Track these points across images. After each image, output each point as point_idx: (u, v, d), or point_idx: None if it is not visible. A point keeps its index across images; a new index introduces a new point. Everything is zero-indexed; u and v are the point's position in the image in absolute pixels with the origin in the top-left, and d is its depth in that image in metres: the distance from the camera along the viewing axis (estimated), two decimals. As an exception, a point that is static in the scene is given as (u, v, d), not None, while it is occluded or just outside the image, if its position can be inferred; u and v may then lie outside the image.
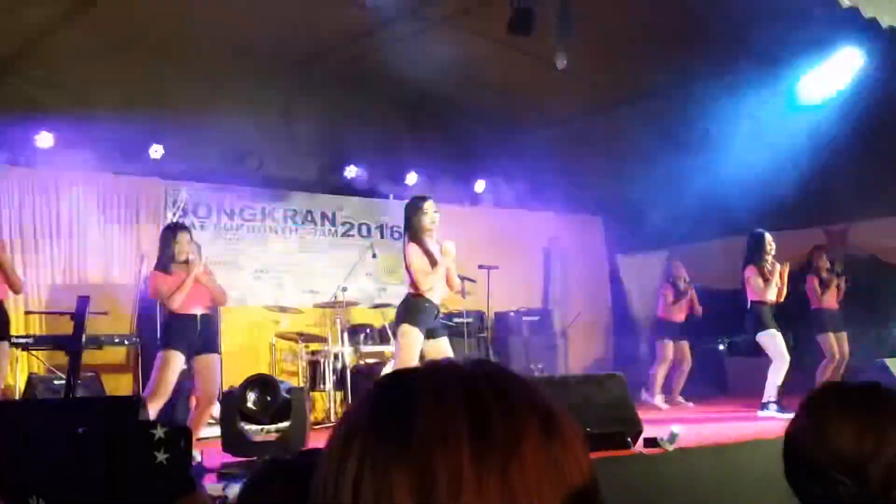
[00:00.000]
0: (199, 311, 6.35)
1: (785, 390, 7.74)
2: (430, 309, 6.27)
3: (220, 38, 8.67)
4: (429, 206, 6.42)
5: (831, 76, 8.79)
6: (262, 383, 6.10)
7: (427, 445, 0.70)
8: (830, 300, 8.97)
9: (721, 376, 11.13)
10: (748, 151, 8.97)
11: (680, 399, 9.70)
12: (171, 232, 6.50)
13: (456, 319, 10.02)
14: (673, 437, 5.26)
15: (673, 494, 4.86)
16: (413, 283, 6.27)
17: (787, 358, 7.88)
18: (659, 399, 9.54)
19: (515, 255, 11.37)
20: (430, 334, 6.27)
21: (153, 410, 5.96)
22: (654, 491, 4.71)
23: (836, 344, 8.82)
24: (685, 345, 9.93)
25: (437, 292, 6.33)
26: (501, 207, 11.79)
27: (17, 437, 3.53)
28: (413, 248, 6.28)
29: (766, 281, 8.14)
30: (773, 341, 7.98)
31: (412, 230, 6.36)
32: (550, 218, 12.13)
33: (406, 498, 0.68)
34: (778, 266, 8.25)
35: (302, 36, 8.95)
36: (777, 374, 7.86)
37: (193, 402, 6.93)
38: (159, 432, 3.42)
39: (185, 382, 7.21)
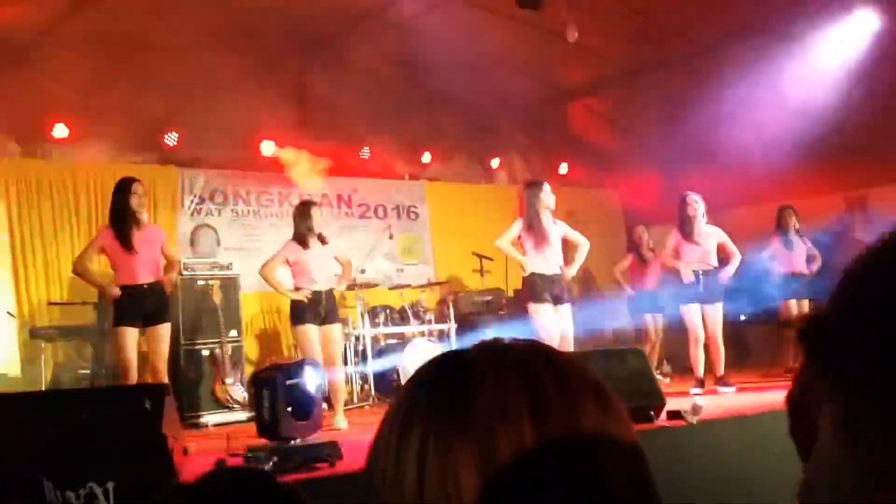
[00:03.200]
0: (324, 286, 6.98)
1: None
2: (544, 280, 7.09)
3: (232, 22, 8.64)
4: (546, 188, 7.30)
5: (848, 40, 8.66)
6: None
7: (489, 423, 0.71)
8: (796, 264, 8.61)
9: (741, 346, 11.08)
10: (766, 119, 8.89)
11: (657, 376, 9.42)
12: (305, 208, 7.13)
13: (475, 298, 10.04)
14: (697, 409, 5.25)
15: (698, 466, 4.86)
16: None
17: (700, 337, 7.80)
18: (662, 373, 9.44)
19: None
20: (555, 301, 7.11)
21: None
22: (680, 463, 4.70)
23: (798, 311, 8.45)
24: (659, 318, 9.78)
25: (543, 265, 7.13)
26: (517, 184, 11.76)
27: (40, 427, 3.60)
28: (515, 225, 7.26)
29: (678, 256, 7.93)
30: (688, 317, 7.87)
31: (527, 211, 7.25)
32: (567, 192, 12.07)
33: (471, 474, 0.70)
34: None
35: (312, 18, 8.92)
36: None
37: None
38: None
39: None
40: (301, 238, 7.05)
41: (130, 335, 6.17)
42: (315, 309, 6.88)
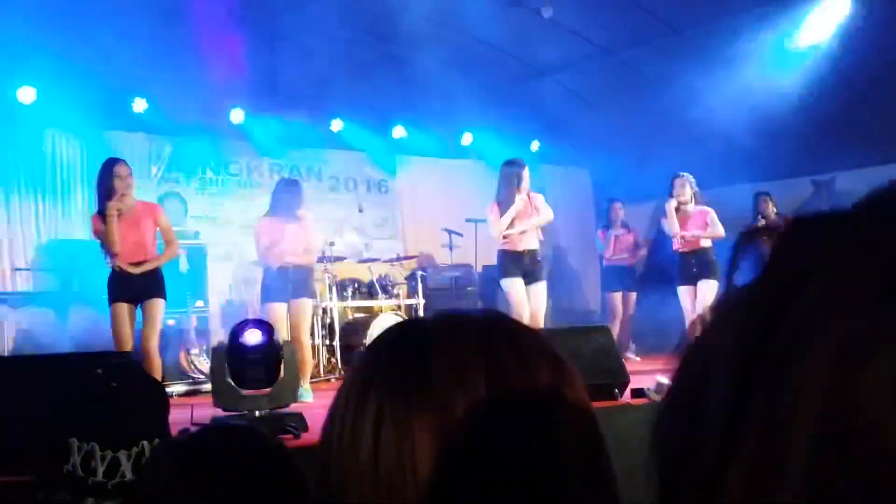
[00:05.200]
0: (292, 260, 6.81)
1: None
2: (514, 257, 7.13)
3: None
4: (526, 168, 7.33)
5: (818, 25, 8.72)
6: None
7: (447, 390, 0.71)
8: None
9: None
10: (735, 102, 8.93)
11: (629, 354, 9.39)
12: (289, 186, 7.12)
13: (444, 273, 10.05)
14: (660, 388, 5.30)
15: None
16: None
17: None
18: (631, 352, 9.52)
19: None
20: (527, 279, 7.11)
21: None
22: (642, 441, 4.74)
23: None
24: (632, 296, 9.85)
25: (520, 242, 7.13)
26: (488, 159, 11.74)
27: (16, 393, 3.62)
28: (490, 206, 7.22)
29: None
30: (682, 297, 8.02)
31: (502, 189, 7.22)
32: (537, 169, 12.08)
33: (427, 443, 0.70)
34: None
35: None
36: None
37: None
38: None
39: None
40: (271, 214, 6.97)
41: (121, 310, 6.19)
42: (285, 285, 6.79)
